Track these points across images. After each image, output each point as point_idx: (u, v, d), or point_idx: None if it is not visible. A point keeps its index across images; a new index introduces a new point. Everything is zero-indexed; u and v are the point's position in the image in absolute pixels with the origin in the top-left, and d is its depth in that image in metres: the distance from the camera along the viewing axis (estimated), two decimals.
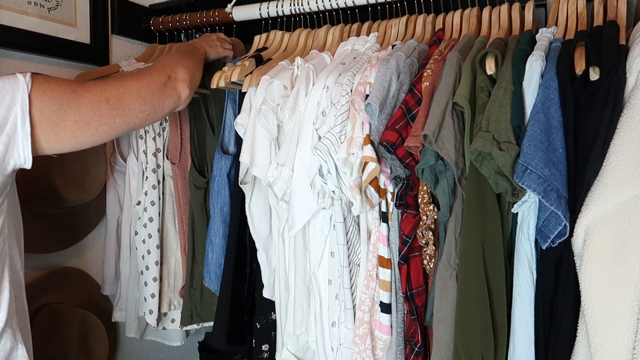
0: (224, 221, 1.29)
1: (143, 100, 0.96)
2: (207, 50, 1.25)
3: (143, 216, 1.39)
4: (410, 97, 0.97)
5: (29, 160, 0.83)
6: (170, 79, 1.02)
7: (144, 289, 1.40)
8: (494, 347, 0.88)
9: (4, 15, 1.25)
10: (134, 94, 0.95)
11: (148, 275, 1.40)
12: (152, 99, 0.97)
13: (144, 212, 1.39)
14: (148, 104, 0.96)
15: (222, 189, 1.28)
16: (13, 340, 0.85)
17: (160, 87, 0.99)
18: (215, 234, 1.31)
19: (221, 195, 1.28)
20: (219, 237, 1.30)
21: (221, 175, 1.27)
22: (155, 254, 1.40)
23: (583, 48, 0.88)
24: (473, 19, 1.12)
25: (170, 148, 1.38)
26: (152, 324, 1.41)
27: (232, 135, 1.28)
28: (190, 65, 1.09)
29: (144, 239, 1.39)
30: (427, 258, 0.99)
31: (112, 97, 0.91)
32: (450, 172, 0.92)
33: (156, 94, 0.98)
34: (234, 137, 1.27)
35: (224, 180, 1.27)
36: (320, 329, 1.12)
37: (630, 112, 0.78)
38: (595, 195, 0.79)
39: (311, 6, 1.28)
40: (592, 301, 0.78)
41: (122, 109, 0.92)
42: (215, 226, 1.30)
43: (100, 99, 0.89)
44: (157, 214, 1.39)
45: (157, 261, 1.40)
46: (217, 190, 1.28)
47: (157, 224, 1.40)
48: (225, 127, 1.28)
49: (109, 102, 0.90)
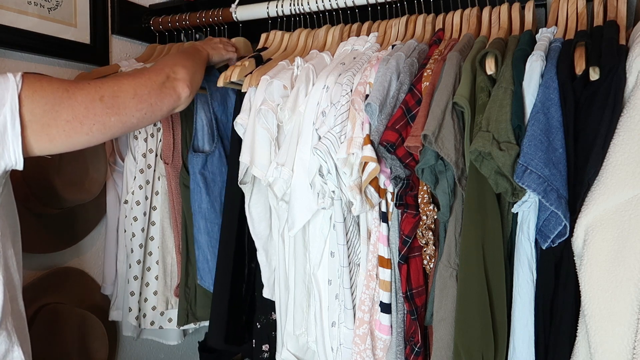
0: (204, 217, 1.33)
1: (139, 98, 0.93)
2: (210, 52, 1.23)
3: (129, 215, 1.40)
4: (410, 97, 0.97)
5: (20, 162, 0.81)
6: (169, 78, 1.00)
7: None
8: (494, 347, 0.88)
9: (4, 15, 1.25)
10: (130, 92, 0.92)
11: (130, 273, 1.41)
12: (149, 98, 0.95)
13: (130, 211, 1.40)
14: (145, 103, 0.94)
15: (196, 187, 1.32)
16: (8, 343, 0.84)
17: (159, 86, 0.97)
18: (198, 231, 1.34)
19: (197, 193, 1.33)
20: (201, 234, 1.33)
21: (194, 173, 1.31)
22: (138, 253, 1.41)
23: (583, 48, 0.88)
24: (473, 19, 1.12)
25: (164, 148, 1.39)
26: (132, 322, 1.42)
27: (205, 134, 1.33)
28: (190, 66, 1.07)
29: (130, 238, 1.41)
30: (427, 258, 0.99)
31: (106, 95, 0.88)
32: (450, 172, 0.92)
33: (153, 93, 0.96)
34: (207, 135, 1.33)
35: (198, 177, 1.31)
36: (320, 329, 1.12)
37: (630, 112, 0.78)
38: (595, 195, 0.79)
39: (311, 6, 1.28)
40: (592, 301, 0.78)
41: (117, 107, 0.90)
42: (197, 224, 1.34)
43: (94, 97, 0.87)
44: (143, 214, 1.41)
45: (139, 260, 1.41)
46: (193, 189, 1.33)
47: (142, 224, 1.41)
48: (197, 127, 1.33)
49: (103, 100, 0.88)
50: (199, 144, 1.34)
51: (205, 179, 1.32)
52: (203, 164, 1.32)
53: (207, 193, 1.33)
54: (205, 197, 1.32)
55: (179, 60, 1.06)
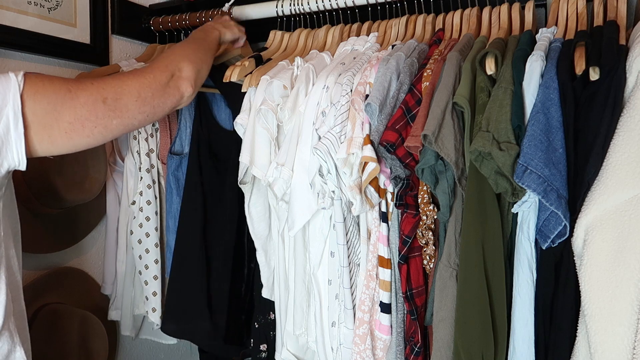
0: (173, 217, 1.38)
1: (143, 101, 0.92)
2: (222, 31, 1.20)
3: (138, 216, 1.40)
4: (410, 97, 0.97)
5: (24, 162, 0.80)
6: (173, 77, 0.98)
7: (145, 288, 1.41)
8: (494, 347, 0.88)
9: (4, 15, 1.25)
10: (134, 95, 0.91)
11: (148, 274, 1.40)
12: (153, 100, 0.94)
13: (139, 212, 1.40)
14: (148, 105, 0.93)
15: (169, 187, 1.37)
16: (11, 343, 0.84)
17: (162, 86, 0.96)
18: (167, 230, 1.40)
19: (168, 193, 1.38)
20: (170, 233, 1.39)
21: (168, 174, 1.36)
22: (155, 252, 1.40)
23: (583, 48, 0.88)
24: (473, 19, 1.12)
25: (161, 148, 1.40)
26: (156, 321, 1.41)
27: (186, 136, 1.37)
28: (198, 60, 1.04)
29: (140, 239, 1.40)
30: (427, 258, 0.99)
31: (109, 97, 0.87)
32: (450, 172, 0.92)
33: (157, 95, 0.95)
34: (187, 138, 1.38)
35: (170, 178, 1.37)
36: (320, 329, 1.12)
37: (630, 112, 0.78)
38: (595, 195, 0.79)
39: (311, 6, 1.28)
40: (592, 301, 0.78)
41: (119, 110, 0.88)
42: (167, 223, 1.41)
43: (97, 98, 0.85)
44: (154, 213, 1.41)
45: (156, 259, 1.41)
46: (167, 190, 1.38)
47: (155, 223, 1.41)
48: (181, 128, 1.37)
49: (106, 102, 0.86)
50: (182, 145, 1.38)
51: (177, 180, 1.37)
52: (177, 166, 1.36)
53: (178, 194, 1.37)
54: (175, 199, 1.37)
55: (187, 53, 1.04)
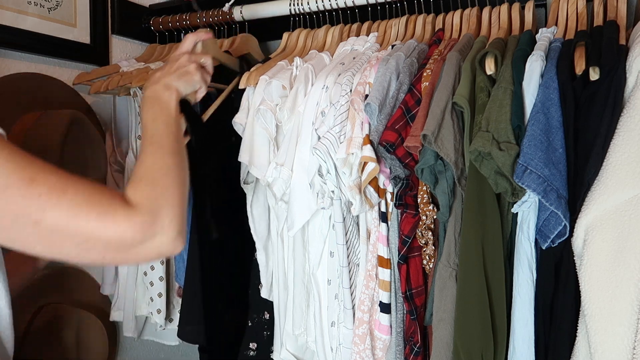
0: None
1: (86, 252, 0.61)
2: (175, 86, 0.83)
3: None
4: (409, 97, 0.97)
5: None
6: (152, 236, 0.63)
7: (150, 289, 1.41)
8: (494, 347, 0.88)
9: (4, 15, 1.25)
10: (76, 239, 0.60)
11: (154, 275, 1.41)
12: (105, 253, 0.62)
13: None
14: (92, 257, 0.63)
15: None
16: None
17: (127, 247, 0.62)
18: None
19: None
20: None
21: None
22: None
23: (583, 48, 0.88)
24: (473, 19, 1.12)
25: None
26: (160, 322, 1.42)
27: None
28: (182, 204, 0.68)
29: None
30: (426, 258, 0.99)
31: (46, 225, 0.58)
32: (449, 172, 0.92)
33: (118, 257, 0.64)
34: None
35: None
36: (319, 329, 1.12)
37: (630, 112, 0.78)
38: (595, 195, 0.79)
39: (311, 6, 1.28)
40: (592, 301, 0.78)
41: (50, 244, 0.60)
42: None
43: (29, 220, 0.57)
44: None
45: (162, 261, 1.41)
46: None
47: None
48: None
49: (38, 225, 0.58)
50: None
51: None
52: None
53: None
54: None
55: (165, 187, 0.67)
